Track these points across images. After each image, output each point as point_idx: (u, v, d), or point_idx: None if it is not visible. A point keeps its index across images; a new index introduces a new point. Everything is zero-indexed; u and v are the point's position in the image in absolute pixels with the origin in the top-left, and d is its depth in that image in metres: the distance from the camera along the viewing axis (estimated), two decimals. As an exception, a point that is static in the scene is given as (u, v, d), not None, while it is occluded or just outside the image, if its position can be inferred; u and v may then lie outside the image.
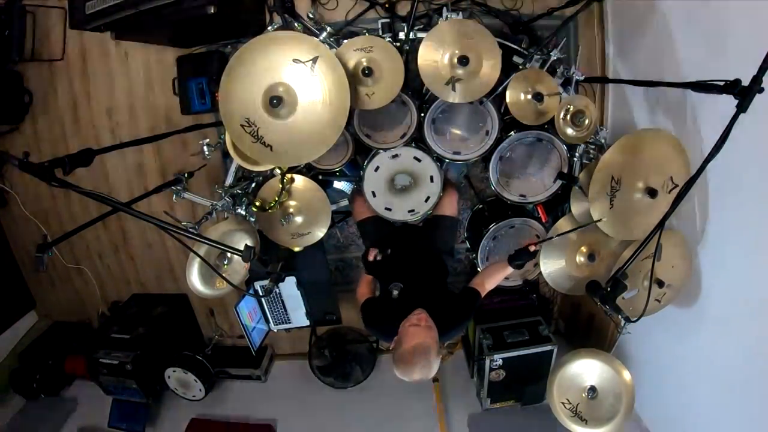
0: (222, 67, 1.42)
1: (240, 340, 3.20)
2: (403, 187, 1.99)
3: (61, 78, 2.69)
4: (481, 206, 2.46)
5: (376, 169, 1.95)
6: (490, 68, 1.66)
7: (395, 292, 1.61)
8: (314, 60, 1.40)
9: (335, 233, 2.84)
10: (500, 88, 1.79)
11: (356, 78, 1.67)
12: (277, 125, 1.45)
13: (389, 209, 2.00)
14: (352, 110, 1.75)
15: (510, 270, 1.71)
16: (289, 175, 1.86)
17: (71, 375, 3.12)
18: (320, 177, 2.13)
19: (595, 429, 1.76)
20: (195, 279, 1.96)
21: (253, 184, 2.02)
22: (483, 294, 1.68)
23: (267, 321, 2.69)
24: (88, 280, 3.15)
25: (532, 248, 1.65)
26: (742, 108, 1.13)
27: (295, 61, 1.40)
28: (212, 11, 1.85)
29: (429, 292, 1.67)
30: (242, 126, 1.44)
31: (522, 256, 1.66)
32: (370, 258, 1.80)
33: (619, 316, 1.55)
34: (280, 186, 1.82)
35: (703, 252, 1.78)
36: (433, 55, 1.66)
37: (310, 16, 1.88)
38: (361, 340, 3.07)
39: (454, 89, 1.67)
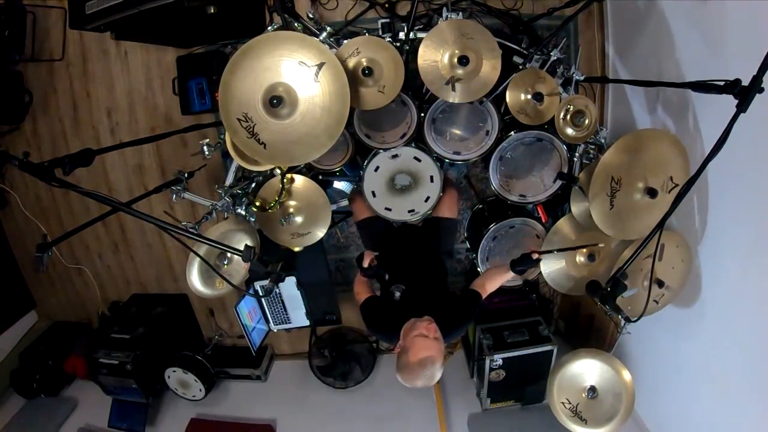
0: (222, 67, 1.41)
1: (240, 340, 3.20)
2: (403, 187, 1.99)
3: (61, 78, 2.69)
4: (481, 206, 2.46)
5: (376, 169, 1.95)
6: (490, 68, 1.66)
7: (397, 294, 1.60)
8: (320, 66, 1.41)
9: (335, 233, 2.84)
10: (500, 88, 1.79)
11: (356, 78, 1.67)
12: (274, 125, 1.44)
13: (389, 209, 2.00)
14: (352, 110, 1.75)
15: (511, 275, 1.69)
16: (289, 175, 1.86)
17: (71, 375, 3.12)
18: (320, 177, 2.13)
19: (595, 429, 1.75)
20: (195, 279, 1.96)
21: (253, 184, 2.01)
22: (484, 296, 1.67)
23: (267, 321, 2.69)
24: (88, 280, 3.15)
25: (535, 256, 1.62)
26: (742, 108, 1.13)
27: (301, 63, 1.40)
28: (212, 11, 1.85)
29: (431, 293, 1.67)
30: (239, 120, 1.44)
31: (524, 263, 1.63)
32: (365, 264, 1.73)
33: (619, 316, 1.55)
34: (280, 186, 1.82)
35: (703, 252, 1.78)
36: (433, 55, 1.66)
37: (310, 16, 1.88)
38: (361, 340, 3.07)
39: (454, 89, 1.67)
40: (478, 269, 2.17)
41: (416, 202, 1.99)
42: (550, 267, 1.96)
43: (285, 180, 1.82)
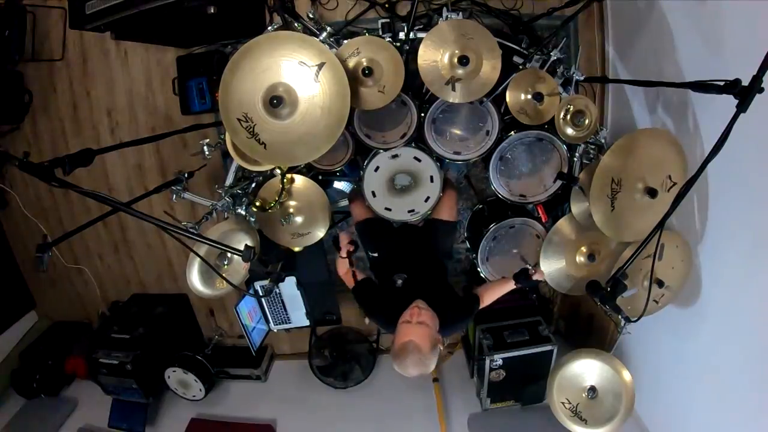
0: (222, 67, 1.42)
1: (240, 340, 3.20)
2: (403, 187, 1.99)
3: (61, 78, 2.69)
4: (481, 206, 2.46)
5: (376, 169, 1.95)
6: (490, 68, 1.66)
7: (399, 281, 1.62)
8: (320, 66, 1.41)
9: (335, 233, 2.83)
10: (500, 88, 1.79)
11: (356, 78, 1.67)
12: (274, 125, 1.44)
13: (389, 209, 2.00)
14: (352, 110, 1.75)
15: (512, 285, 1.77)
16: (289, 175, 1.86)
17: (71, 375, 3.13)
18: (320, 177, 2.13)
19: (595, 429, 1.75)
20: (195, 279, 1.96)
21: (253, 184, 2.02)
22: (482, 304, 1.72)
23: (267, 321, 2.69)
24: (88, 280, 3.15)
25: (536, 277, 1.75)
26: (742, 108, 1.13)
27: (301, 63, 1.40)
28: (212, 11, 1.85)
29: (432, 285, 1.68)
30: (239, 120, 1.44)
31: (524, 278, 1.76)
32: (343, 254, 1.76)
33: (619, 316, 1.55)
34: (280, 186, 1.82)
35: (703, 252, 1.78)
36: (433, 55, 1.66)
37: (310, 16, 1.88)
38: (361, 340, 3.07)
39: (454, 89, 1.67)
40: (478, 269, 2.18)
41: (416, 202, 1.99)
42: (550, 267, 1.96)
43: (285, 180, 1.82)
